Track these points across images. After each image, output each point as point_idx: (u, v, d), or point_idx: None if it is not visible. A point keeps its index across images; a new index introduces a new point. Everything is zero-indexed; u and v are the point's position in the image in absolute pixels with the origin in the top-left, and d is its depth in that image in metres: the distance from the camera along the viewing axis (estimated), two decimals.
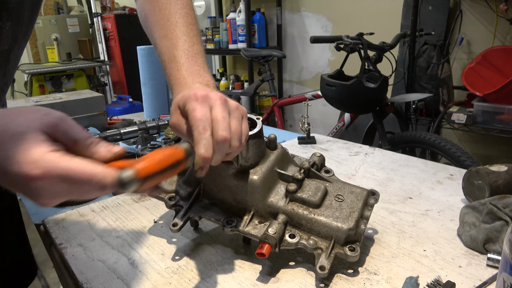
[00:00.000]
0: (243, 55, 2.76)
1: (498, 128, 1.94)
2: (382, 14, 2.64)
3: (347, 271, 0.57)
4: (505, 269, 0.40)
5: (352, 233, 0.55)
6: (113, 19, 4.23)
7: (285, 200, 0.58)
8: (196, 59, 0.60)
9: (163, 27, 0.65)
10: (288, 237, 0.56)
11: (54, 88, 3.75)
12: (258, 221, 0.58)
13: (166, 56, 0.62)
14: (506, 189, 0.68)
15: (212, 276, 0.57)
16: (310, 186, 0.59)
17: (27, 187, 0.38)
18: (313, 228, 0.56)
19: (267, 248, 0.53)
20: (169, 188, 0.64)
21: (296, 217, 0.57)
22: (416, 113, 2.24)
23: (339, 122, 2.32)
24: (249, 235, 0.57)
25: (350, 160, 1.01)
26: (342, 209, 0.57)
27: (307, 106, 1.18)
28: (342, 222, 0.55)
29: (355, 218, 0.56)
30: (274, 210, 0.58)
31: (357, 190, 0.61)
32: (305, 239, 0.56)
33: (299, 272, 0.58)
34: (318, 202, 0.57)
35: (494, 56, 2.07)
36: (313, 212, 0.56)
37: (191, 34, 0.64)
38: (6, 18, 0.58)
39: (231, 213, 0.59)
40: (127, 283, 0.56)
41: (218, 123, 0.48)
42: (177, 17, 0.65)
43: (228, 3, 3.71)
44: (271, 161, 0.60)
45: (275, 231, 0.54)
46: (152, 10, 0.68)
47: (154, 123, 1.33)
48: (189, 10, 0.68)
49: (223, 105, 0.50)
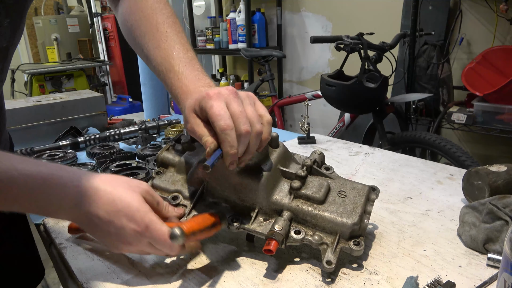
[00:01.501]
0: (243, 55, 2.76)
1: (498, 128, 1.94)
2: (382, 14, 2.64)
3: (352, 265, 0.58)
4: (506, 269, 0.40)
5: (356, 228, 0.56)
6: (113, 19, 4.23)
7: (289, 197, 0.59)
8: (193, 64, 0.62)
9: (153, 38, 0.65)
10: (293, 234, 0.56)
11: (54, 88, 3.75)
12: (263, 219, 0.59)
13: (163, 67, 0.63)
14: (506, 189, 0.68)
15: (212, 276, 0.57)
16: (313, 183, 0.60)
17: (129, 234, 0.52)
18: (318, 224, 0.57)
19: (274, 245, 0.54)
20: (172, 188, 0.64)
21: (301, 214, 0.58)
22: (416, 113, 2.24)
23: (339, 122, 2.32)
24: (255, 232, 0.57)
25: (350, 160, 1.01)
26: (345, 204, 0.58)
27: (307, 106, 1.18)
28: (346, 217, 0.56)
29: (358, 213, 0.57)
30: (279, 207, 0.58)
31: (359, 186, 0.63)
32: (310, 235, 0.57)
33: (300, 271, 0.57)
34: (322, 198, 0.58)
35: (494, 56, 2.07)
36: (317, 208, 0.57)
37: (182, 41, 0.65)
38: (5, 15, 0.58)
39: (235, 211, 0.60)
40: (127, 283, 0.56)
41: (238, 118, 0.51)
42: (165, 27, 0.66)
43: (228, 3, 3.71)
44: (274, 159, 0.61)
45: (281, 228, 0.55)
46: (139, 21, 0.69)
47: (154, 123, 1.33)
48: (175, 19, 0.69)
49: (236, 98, 0.53)
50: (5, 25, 0.59)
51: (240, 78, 3.86)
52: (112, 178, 0.54)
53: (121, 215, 0.51)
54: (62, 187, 0.50)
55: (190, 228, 0.52)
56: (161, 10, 0.69)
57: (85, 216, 0.51)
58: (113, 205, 0.51)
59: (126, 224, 0.51)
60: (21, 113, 1.25)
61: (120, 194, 0.52)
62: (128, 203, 0.51)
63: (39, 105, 1.29)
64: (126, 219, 0.51)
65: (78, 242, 0.67)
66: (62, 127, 1.31)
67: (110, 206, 0.51)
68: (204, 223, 0.55)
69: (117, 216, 0.51)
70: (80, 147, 1.20)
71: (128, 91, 4.35)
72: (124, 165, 0.98)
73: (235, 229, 0.58)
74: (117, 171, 0.95)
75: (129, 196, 0.52)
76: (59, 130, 1.30)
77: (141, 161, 1.06)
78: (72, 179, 0.51)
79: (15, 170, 0.48)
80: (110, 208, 0.51)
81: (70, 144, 1.19)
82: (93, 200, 0.51)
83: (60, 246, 0.66)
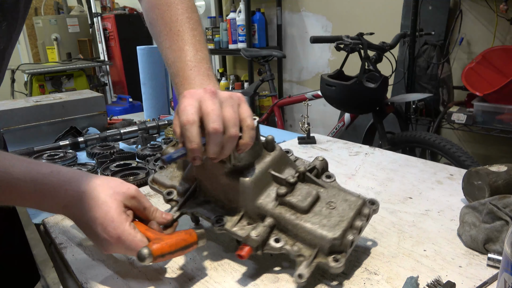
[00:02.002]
0: (243, 55, 2.76)
1: (498, 128, 1.94)
2: (382, 14, 2.64)
3: (331, 283, 0.55)
4: (506, 269, 0.40)
5: (337, 243, 0.52)
6: (113, 19, 4.23)
7: (274, 203, 0.56)
8: (199, 67, 0.61)
9: (166, 37, 0.66)
10: (272, 241, 0.54)
11: (54, 88, 3.75)
12: (247, 222, 0.57)
13: (173, 69, 0.63)
14: (506, 189, 0.68)
15: (212, 276, 0.57)
16: (301, 190, 0.57)
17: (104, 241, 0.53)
18: (298, 234, 0.54)
19: (247, 250, 0.53)
20: (168, 183, 0.64)
21: (283, 221, 0.55)
22: (416, 113, 2.24)
23: (339, 122, 2.32)
24: (236, 235, 0.56)
25: (350, 160, 1.01)
26: (331, 217, 0.54)
27: (307, 106, 1.18)
28: (328, 231, 0.52)
29: (342, 227, 0.53)
30: (263, 213, 0.56)
31: (352, 199, 0.57)
32: (290, 244, 0.54)
33: None
34: (306, 207, 0.55)
35: (494, 56, 2.06)
36: (300, 217, 0.54)
37: (194, 40, 0.64)
38: (2, 18, 0.58)
39: (224, 211, 0.59)
40: (127, 283, 0.56)
41: (207, 116, 0.50)
42: (178, 25, 0.65)
43: (228, 3, 3.71)
44: (266, 163, 0.59)
45: (258, 234, 0.53)
46: (156, 19, 0.69)
47: (154, 123, 1.33)
48: (191, 14, 0.67)
49: (211, 97, 0.51)
50: (2, 28, 0.59)
51: (240, 78, 3.86)
52: (102, 182, 0.55)
53: (97, 223, 0.52)
54: (53, 191, 0.53)
55: (159, 250, 0.51)
56: (176, 5, 0.67)
57: (73, 217, 0.55)
58: (93, 212, 0.52)
59: (100, 233, 0.52)
60: (21, 113, 1.25)
61: (102, 202, 0.52)
62: (105, 212, 0.52)
63: (39, 105, 1.29)
64: (100, 228, 0.52)
65: (78, 242, 0.67)
66: (62, 127, 1.31)
67: (91, 212, 0.52)
68: (178, 244, 0.53)
69: (94, 223, 0.52)
70: (80, 147, 1.20)
71: (128, 91, 4.35)
72: (124, 165, 0.98)
73: (217, 230, 0.57)
74: (117, 171, 0.95)
75: (109, 205, 0.52)
76: (59, 130, 1.30)
77: (141, 161, 1.06)
78: (63, 183, 0.53)
79: (8, 174, 0.51)
80: (90, 214, 0.52)
81: (70, 144, 1.19)
82: (78, 204, 0.53)
83: (60, 246, 0.66)
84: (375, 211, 0.58)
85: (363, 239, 0.64)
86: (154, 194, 0.85)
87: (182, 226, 0.72)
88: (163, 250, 0.51)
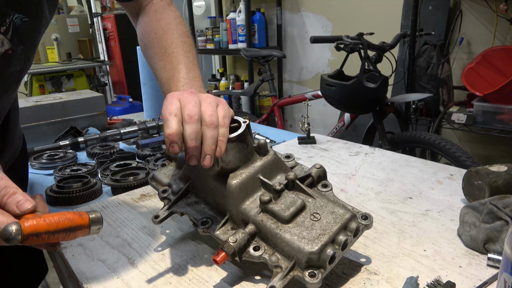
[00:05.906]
0: (243, 55, 2.76)
1: (498, 128, 1.94)
2: (382, 14, 2.64)
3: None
4: (506, 270, 0.40)
5: (314, 257, 0.49)
6: (113, 19, 4.23)
7: (258, 209, 0.54)
8: (192, 84, 0.65)
9: (161, 59, 0.70)
10: (251, 249, 0.52)
11: (54, 88, 3.75)
12: (231, 227, 0.56)
13: (166, 87, 0.66)
14: (506, 189, 0.68)
15: (212, 276, 0.57)
16: (286, 199, 0.55)
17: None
18: (277, 244, 0.52)
19: (222, 256, 0.51)
20: (165, 181, 0.65)
21: (263, 229, 0.53)
22: (416, 113, 2.24)
23: (339, 122, 2.32)
24: (217, 239, 0.55)
25: (350, 160, 1.01)
26: (313, 229, 0.51)
27: (307, 106, 1.18)
28: (306, 244, 0.49)
29: (322, 241, 0.50)
30: (246, 218, 0.55)
31: (340, 211, 0.54)
32: (269, 254, 0.52)
33: None
34: (288, 217, 0.52)
35: (494, 56, 2.07)
36: (280, 227, 0.52)
37: (187, 61, 0.68)
38: (18, 42, 0.59)
39: (212, 214, 0.59)
40: (127, 283, 0.56)
41: (184, 108, 0.53)
42: (173, 47, 0.70)
43: (228, 3, 3.71)
44: (255, 167, 0.57)
45: (235, 240, 0.51)
46: (151, 42, 0.73)
47: (154, 123, 1.33)
48: (185, 38, 0.73)
49: (190, 95, 0.55)
50: (19, 51, 0.60)
51: (240, 78, 3.86)
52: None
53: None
54: None
55: (34, 227, 0.41)
56: (172, 30, 0.72)
57: None
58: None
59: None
60: (21, 113, 1.24)
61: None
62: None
63: (39, 105, 1.29)
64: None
65: (78, 242, 0.67)
66: (62, 127, 1.31)
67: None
68: (60, 224, 0.44)
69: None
70: (80, 147, 1.20)
71: (128, 91, 4.35)
72: (124, 165, 0.98)
73: (201, 232, 0.57)
74: (117, 171, 0.95)
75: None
76: (59, 130, 1.30)
77: (141, 161, 1.06)
78: None
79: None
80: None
81: (70, 144, 1.19)
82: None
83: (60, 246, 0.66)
84: (367, 227, 0.54)
85: (363, 238, 0.64)
86: (154, 194, 0.85)
87: (182, 226, 0.72)
88: (40, 227, 0.42)
